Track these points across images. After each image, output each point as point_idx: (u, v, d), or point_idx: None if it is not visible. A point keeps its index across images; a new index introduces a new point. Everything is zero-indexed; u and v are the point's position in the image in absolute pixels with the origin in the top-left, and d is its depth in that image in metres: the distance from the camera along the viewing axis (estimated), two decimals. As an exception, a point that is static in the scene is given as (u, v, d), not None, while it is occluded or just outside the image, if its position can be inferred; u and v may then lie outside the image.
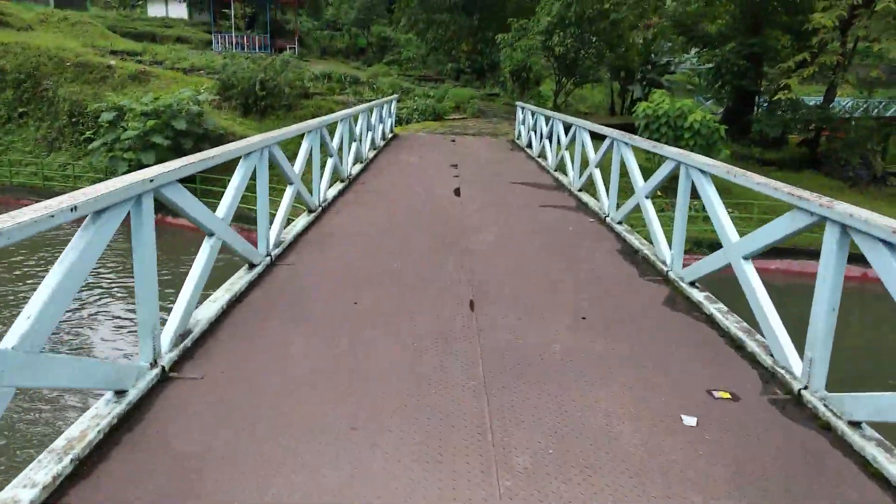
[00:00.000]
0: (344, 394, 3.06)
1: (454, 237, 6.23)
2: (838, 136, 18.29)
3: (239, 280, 4.51)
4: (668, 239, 5.34)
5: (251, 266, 4.79)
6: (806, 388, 3.19)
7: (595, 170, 8.01)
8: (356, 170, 10.02)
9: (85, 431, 2.54)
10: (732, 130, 15.90)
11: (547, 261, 5.60)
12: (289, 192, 6.08)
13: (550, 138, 11.75)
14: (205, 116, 17.15)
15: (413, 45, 30.70)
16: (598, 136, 8.26)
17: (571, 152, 9.59)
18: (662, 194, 11.42)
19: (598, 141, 8.43)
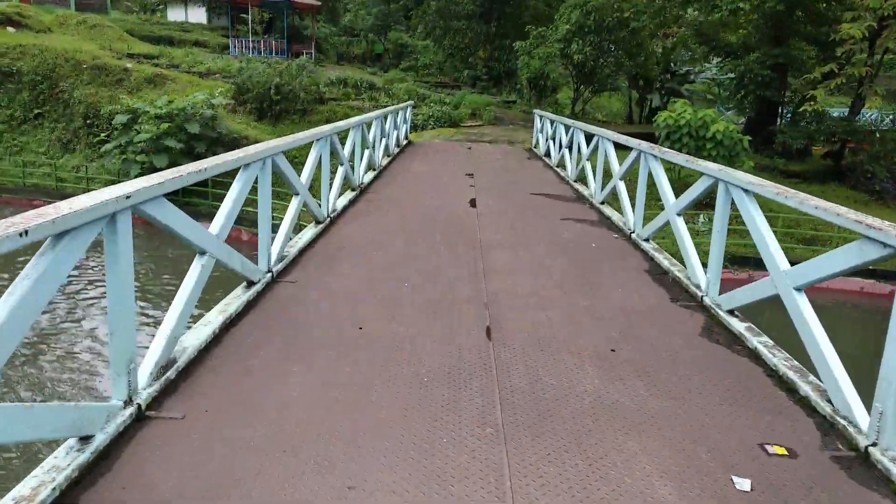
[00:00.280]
0: (342, 450, 2.65)
1: (470, 254, 5.84)
2: (864, 148, 17.67)
3: (235, 300, 4.15)
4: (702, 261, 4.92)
5: (250, 284, 4.43)
6: (875, 444, 2.76)
7: (619, 182, 7.59)
8: (368, 178, 9.67)
9: (37, 489, 2.17)
10: (755, 141, 15.44)
11: (570, 282, 5.17)
12: (294, 204, 5.72)
13: (570, 148, 11.34)
14: (218, 120, 16.99)
15: (430, 51, 30.45)
16: (620, 147, 7.85)
17: (593, 163, 9.17)
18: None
19: (620, 151, 8.02)
